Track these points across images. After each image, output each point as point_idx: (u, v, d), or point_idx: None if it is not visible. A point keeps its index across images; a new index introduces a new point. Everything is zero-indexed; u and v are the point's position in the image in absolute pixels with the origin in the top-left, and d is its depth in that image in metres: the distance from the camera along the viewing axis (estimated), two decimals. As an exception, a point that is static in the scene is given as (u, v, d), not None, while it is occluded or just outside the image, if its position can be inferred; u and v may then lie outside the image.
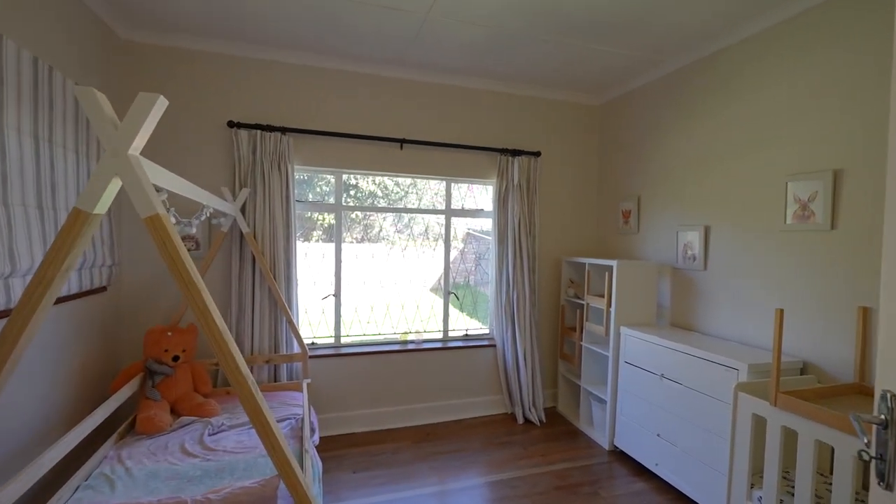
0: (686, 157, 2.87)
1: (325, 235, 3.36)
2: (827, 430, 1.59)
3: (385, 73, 3.16)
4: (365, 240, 3.41)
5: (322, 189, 3.32)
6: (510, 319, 3.38)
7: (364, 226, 3.48)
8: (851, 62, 2.00)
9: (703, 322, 2.72)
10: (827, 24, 2.09)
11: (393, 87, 3.21)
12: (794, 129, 2.23)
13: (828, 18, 2.09)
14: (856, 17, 1.98)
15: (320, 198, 3.31)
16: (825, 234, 2.09)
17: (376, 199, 3.53)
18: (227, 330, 1.04)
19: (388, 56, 2.97)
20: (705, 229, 2.72)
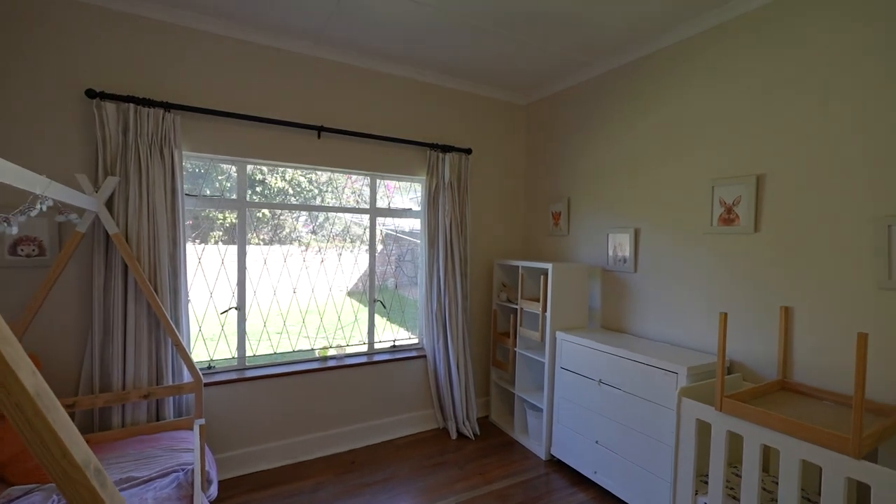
0: (615, 159, 2.89)
1: (226, 236, 2.82)
2: (773, 434, 1.58)
3: (301, 49, 2.73)
4: (274, 241, 2.94)
5: (223, 184, 2.78)
6: (442, 328, 3.15)
7: (273, 226, 3.01)
8: (771, 71, 2.08)
9: (634, 324, 2.74)
10: (747, 35, 2.17)
11: (311, 66, 2.79)
12: (719, 135, 2.30)
13: (748, 29, 2.17)
14: (774, 28, 2.07)
15: (220, 193, 2.76)
16: (749, 236, 2.17)
17: (287, 197, 3.06)
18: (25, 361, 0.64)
19: (305, 28, 2.55)
20: (635, 231, 2.74)
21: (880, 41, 1.74)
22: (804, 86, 1.97)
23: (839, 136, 1.86)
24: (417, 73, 3.13)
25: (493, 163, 3.54)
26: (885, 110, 1.73)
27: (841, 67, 1.85)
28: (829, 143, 1.89)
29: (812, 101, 1.94)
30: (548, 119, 3.48)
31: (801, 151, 1.98)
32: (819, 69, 1.92)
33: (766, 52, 2.10)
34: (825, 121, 1.90)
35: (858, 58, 1.80)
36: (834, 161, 1.87)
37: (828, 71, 1.89)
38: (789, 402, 1.84)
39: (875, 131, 1.76)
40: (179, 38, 2.42)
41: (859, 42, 1.80)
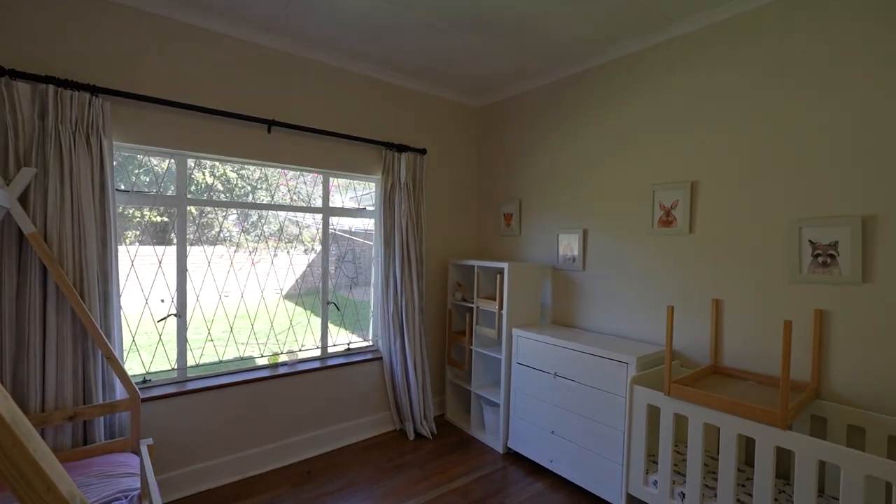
0: (564, 163, 3.05)
1: (143, 236, 2.54)
2: (713, 413, 1.77)
3: (254, 38, 2.57)
4: (201, 241, 2.68)
5: (141, 179, 2.50)
6: (399, 329, 3.12)
7: (200, 225, 2.78)
8: (701, 88, 2.33)
9: (583, 319, 2.92)
10: (682, 55, 2.41)
11: (264, 57, 2.63)
12: (659, 144, 2.52)
13: (682, 50, 2.41)
14: (704, 50, 2.31)
15: (144, 188, 2.51)
16: (685, 237, 2.41)
17: (215, 193, 2.84)
18: None
19: (260, 16, 2.40)
20: (584, 232, 2.92)
21: (793, 63, 2.02)
22: (728, 102, 2.22)
23: (758, 149, 2.12)
24: (374, 70, 3.07)
25: (447, 164, 3.58)
26: (795, 126, 2.01)
27: (759, 88, 2.12)
28: (750, 155, 2.15)
29: (735, 117, 2.20)
30: (500, 122, 3.58)
31: (727, 161, 2.23)
32: (740, 88, 2.18)
33: (697, 71, 2.34)
34: (747, 134, 2.16)
35: (775, 80, 2.07)
36: (755, 171, 2.14)
37: (748, 90, 2.15)
38: (721, 384, 2.07)
39: (786, 145, 2.03)
40: (114, 15, 2.17)
41: (776, 64, 2.07)
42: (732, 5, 2.18)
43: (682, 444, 2.32)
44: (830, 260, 1.91)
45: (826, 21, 1.93)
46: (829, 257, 1.91)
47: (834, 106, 1.91)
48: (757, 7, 2.12)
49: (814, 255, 1.95)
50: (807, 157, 1.98)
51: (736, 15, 2.20)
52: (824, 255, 1.92)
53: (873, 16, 1.81)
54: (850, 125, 1.86)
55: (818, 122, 1.95)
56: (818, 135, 1.95)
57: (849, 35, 1.87)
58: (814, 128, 1.96)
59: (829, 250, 1.91)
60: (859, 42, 1.84)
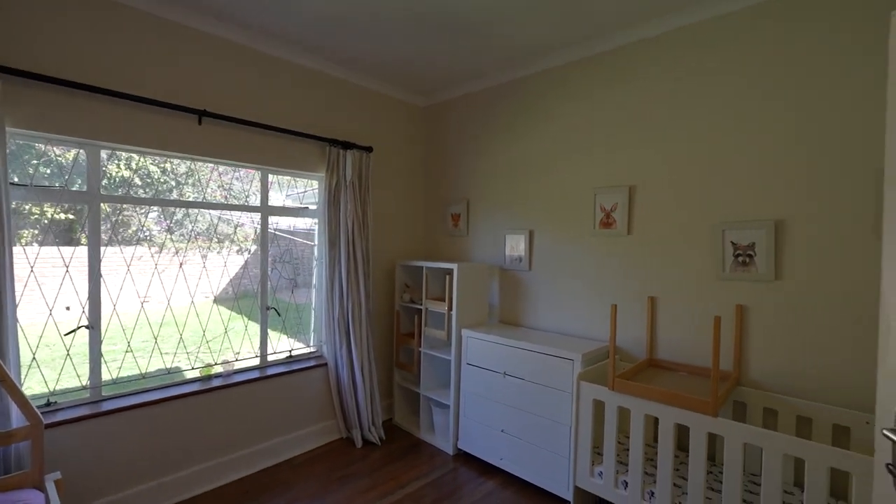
0: (511, 165, 3.11)
1: (44, 236, 2.23)
2: (653, 405, 1.89)
3: (188, 20, 2.33)
4: (117, 242, 2.40)
5: (40, 171, 2.18)
6: (345, 332, 3.01)
7: (115, 223, 2.49)
8: (639, 98, 2.47)
9: (529, 318, 2.99)
10: (624, 65, 2.54)
11: (197, 41, 2.41)
12: (600, 149, 2.64)
13: (625, 59, 2.54)
14: (641, 63, 2.46)
15: (44, 181, 2.19)
16: (624, 238, 2.54)
17: (133, 188, 2.55)
18: None
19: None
20: (530, 233, 2.99)
21: (716, 83, 2.21)
22: (661, 113, 2.38)
23: (688, 157, 2.30)
24: (320, 64, 2.93)
25: (394, 163, 3.51)
26: (720, 138, 2.20)
27: (687, 102, 2.29)
28: (681, 162, 2.32)
29: (667, 127, 2.36)
30: (446, 122, 3.58)
31: (661, 168, 2.39)
32: (671, 101, 2.34)
33: (633, 83, 2.49)
34: (678, 143, 2.33)
35: (700, 98, 2.25)
36: (686, 176, 2.31)
37: (678, 104, 2.32)
38: (657, 376, 2.21)
39: (712, 155, 2.22)
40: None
41: (700, 83, 2.25)
42: (666, 21, 2.34)
43: (622, 435, 2.45)
44: (749, 259, 2.11)
45: (747, 44, 2.12)
46: (748, 257, 2.11)
47: (752, 127, 2.10)
48: (684, 25, 2.29)
49: (735, 256, 2.14)
50: (730, 165, 2.17)
51: (666, 32, 2.36)
52: (744, 255, 2.12)
53: (785, 38, 2.02)
54: (769, 140, 2.07)
55: (739, 137, 2.14)
56: (739, 147, 2.14)
57: (765, 59, 2.07)
58: (736, 141, 2.15)
59: (748, 251, 2.11)
60: (774, 66, 2.05)
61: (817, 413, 1.90)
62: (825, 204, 1.92)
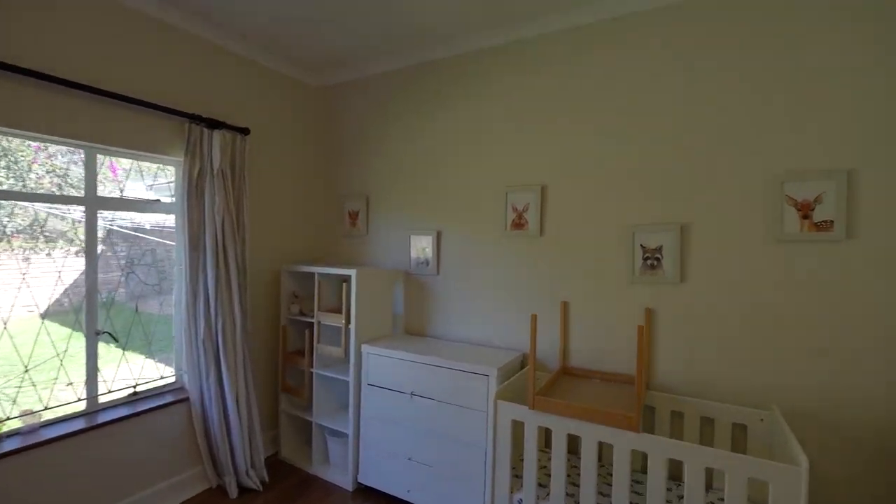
0: (417, 159, 2.80)
1: None
2: (576, 423, 1.74)
3: None
4: None
5: None
6: (213, 356, 2.41)
7: None
8: (550, 95, 2.35)
9: (438, 327, 2.72)
10: (534, 57, 2.40)
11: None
12: (512, 145, 2.47)
13: (535, 52, 2.39)
14: (557, 56, 2.34)
15: None
16: (536, 239, 2.40)
17: None
18: None
19: None
20: (437, 234, 2.72)
21: (623, 82, 2.16)
22: (573, 113, 2.28)
23: (599, 158, 2.22)
24: (184, 20, 2.29)
25: (278, 150, 2.96)
26: (628, 140, 2.15)
27: (595, 103, 2.22)
28: (592, 162, 2.24)
29: (579, 127, 2.27)
30: (344, 107, 3.13)
31: (573, 168, 2.29)
32: (579, 102, 2.25)
33: (544, 78, 2.35)
34: (589, 143, 2.25)
35: (608, 100, 2.19)
36: (597, 177, 2.23)
37: (587, 105, 2.24)
38: (572, 386, 2.10)
39: (621, 156, 2.17)
40: None
41: (608, 85, 2.19)
42: (575, 16, 2.24)
43: (539, 452, 2.31)
44: (657, 263, 2.09)
45: (653, 45, 2.10)
46: (656, 260, 2.09)
47: (658, 129, 2.09)
48: (593, 22, 2.21)
49: (644, 259, 2.12)
50: (639, 167, 2.14)
51: (574, 27, 2.26)
52: (652, 258, 2.10)
53: (690, 41, 2.02)
54: (671, 142, 2.06)
55: (646, 139, 2.12)
56: (646, 149, 2.11)
57: (669, 63, 2.06)
58: (642, 142, 2.12)
59: (656, 254, 2.09)
60: (674, 71, 2.05)
61: (719, 413, 1.93)
62: (724, 209, 1.96)
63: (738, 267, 1.93)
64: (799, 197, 1.81)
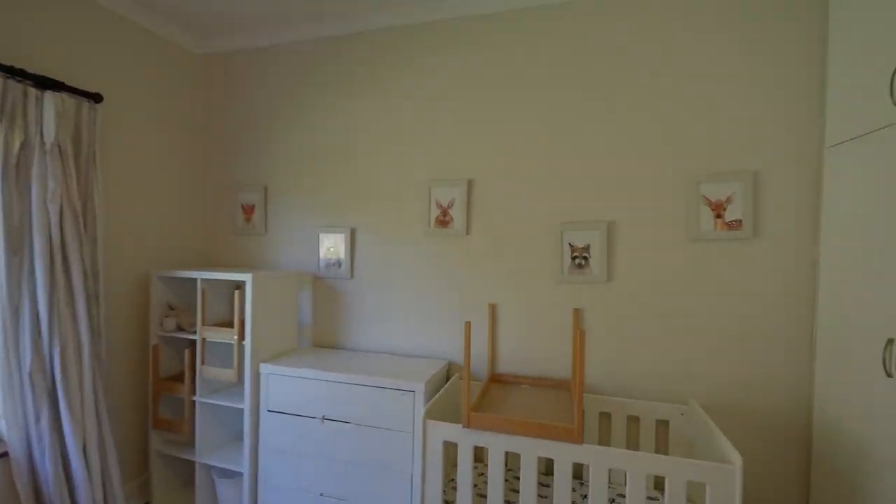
0: (328, 145, 2.45)
1: None
2: (514, 439, 1.58)
3: None
4: None
5: None
6: (48, 395, 1.81)
7: None
8: (479, 83, 2.18)
9: (353, 338, 2.41)
10: (458, 40, 2.21)
11: None
12: (437, 135, 2.26)
13: (458, 35, 2.21)
14: (485, 40, 2.18)
15: None
16: (462, 238, 2.22)
17: None
18: None
19: None
20: (351, 231, 2.40)
21: (552, 77, 2.08)
22: (502, 103, 2.15)
23: (528, 153, 2.12)
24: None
25: (149, 127, 2.37)
26: (558, 135, 2.07)
27: (524, 95, 2.11)
28: (521, 158, 2.13)
29: (508, 119, 2.14)
30: (238, 80, 2.64)
31: (501, 162, 2.16)
32: (507, 91, 2.13)
33: (472, 64, 2.19)
34: (518, 137, 2.13)
35: (539, 90, 2.10)
36: (526, 174, 2.12)
37: (516, 95, 2.12)
38: (503, 395, 1.95)
39: (550, 152, 2.08)
40: None
41: (538, 78, 2.10)
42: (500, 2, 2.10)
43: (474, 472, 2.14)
44: (584, 262, 2.04)
45: (579, 40, 2.04)
46: (584, 259, 2.04)
47: (585, 125, 2.04)
48: (519, 8, 2.10)
49: (573, 258, 2.06)
50: (567, 163, 2.07)
51: (502, 11, 2.13)
52: (580, 257, 2.05)
53: (614, 39, 2.00)
54: (599, 140, 2.02)
55: (573, 135, 2.06)
56: (576, 145, 2.05)
57: (594, 58, 2.02)
58: (571, 138, 2.06)
59: (584, 253, 2.04)
60: (597, 63, 2.02)
61: (643, 410, 1.94)
62: (648, 208, 1.97)
63: (661, 265, 1.95)
64: (713, 197, 1.88)
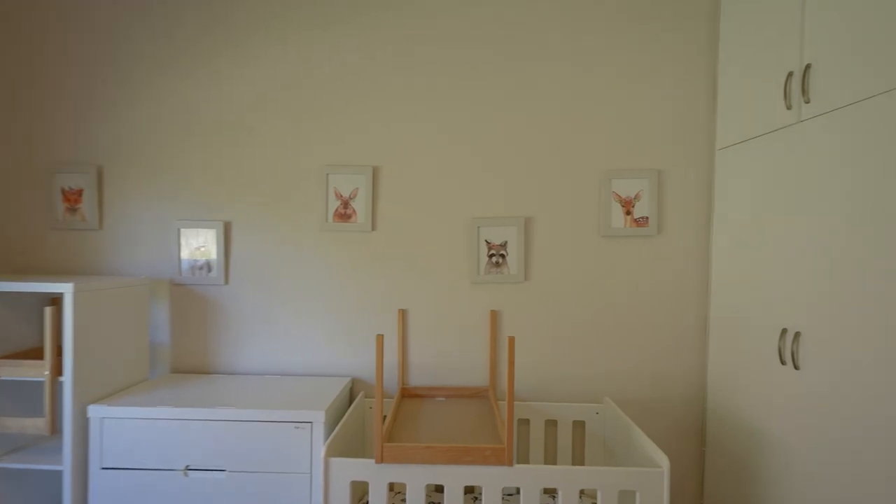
0: (193, 114, 1.93)
1: None
2: (437, 469, 1.35)
3: None
4: None
5: None
6: None
7: None
8: (391, 55, 1.90)
9: (226, 359, 1.94)
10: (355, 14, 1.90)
11: None
12: (338, 112, 1.92)
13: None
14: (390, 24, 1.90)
15: None
16: (367, 234, 1.93)
17: None
18: None
19: None
20: (225, 226, 1.93)
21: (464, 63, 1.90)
22: (413, 79, 1.90)
23: (442, 141, 1.91)
24: None
25: None
26: (469, 117, 1.90)
27: (439, 67, 1.90)
28: (435, 145, 1.91)
29: (420, 98, 1.90)
30: (57, 18, 1.94)
31: (413, 149, 1.91)
32: (421, 67, 1.90)
33: (379, 30, 1.90)
34: (432, 123, 1.91)
35: (452, 76, 1.90)
36: (441, 163, 1.91)
37: (426, 72, 1.90)
38: (415, 411, 1.72)
39: (465, 142, 1.90)
40: None
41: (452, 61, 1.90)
42: (414, -37, 1.86)
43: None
44: (502, 260, 1.91)
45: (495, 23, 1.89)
46: (501, 257, 1.91)
47: (498, 112, 1.90)
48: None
49: (489, 256, 1.90)
50: (483, 153, 1.90)
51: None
52: (497, 254, 1.90)
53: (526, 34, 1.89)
54: (516, 133, 1.90)
55: (488, 121, 1.90)
56: (494, 137, 1.90)
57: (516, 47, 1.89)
58: (487, 128, 1.90)
59: (501, 250, 1.90)
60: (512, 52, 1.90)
61: (561, 413, 1.87)
62: (564, 203, 1.90)
63: (575, 263, 1.90)
64: (623, 194, 1.89)
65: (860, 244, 1.16)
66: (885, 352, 1.08)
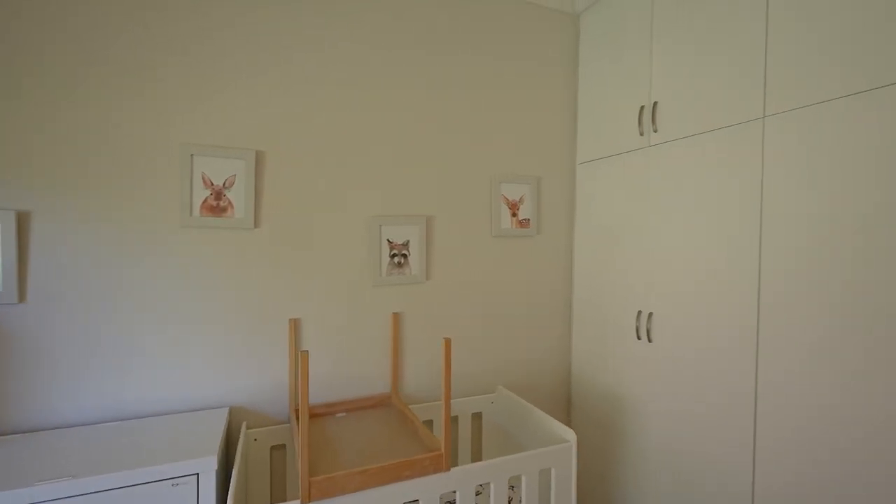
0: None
1: None
2: (370, 494, 1.22)
3: None
4: None
5: None
6: None
7: None
8: (279, 12, 1.61)
9: (53, 407, 1.35)
10: (236, -47, 1.56)
11: None
12: (208, 83, 1.52)
13: (237, -55, 1.56)
14: None
15: None
16: (248, 232, 1.60)
17: None
18: None
19: None
20: (19, 219, 1.33)
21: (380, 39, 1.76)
22: (306, 55, 1.66)
23: (340, 126, 1.72)
24: None
25: None
26: (376, 113, 1.77)
27: (344, 40, 1.71)
28: (331, 130, 1.71)
29: (311, 78, 1.68)
30: None
31: (305, 132, 1.67)
32: (317, 41, 1.68)
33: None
34: (326, 106, 1.70)
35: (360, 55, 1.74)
36: (338, 151, 1.72)
37: (324, 48, 1.69)
38: (317, 432, 1.52)
39: (367, 131, 1.76)
40: None
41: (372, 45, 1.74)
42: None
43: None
44: (404, 260, 1.84)
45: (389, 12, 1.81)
46: (403, 257, 1.84)
47: (399, 104, 1.83)
48: (332, -55, 1.69)
49: (391, 256, 1.82)
50: (384, 149, 1.80)
51: (308, -61, 1.65)
52: (399, 254, 1.83)
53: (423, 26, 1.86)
54: (426, 130, 1.85)
55: (402, 118, 1.81)
56: (401, 132, 1.81)
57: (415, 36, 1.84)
58: (397, 121, 1.80)
59: (403, 250, 1.84)
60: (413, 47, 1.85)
61: (461, 408, 1.92)
62: (461, 204, 1.95)
63: (471, 262, 1.97)
64: (510, 197, 2.04)
65: (693, 242, 1.53)
66: (707, 324, 1.45)
